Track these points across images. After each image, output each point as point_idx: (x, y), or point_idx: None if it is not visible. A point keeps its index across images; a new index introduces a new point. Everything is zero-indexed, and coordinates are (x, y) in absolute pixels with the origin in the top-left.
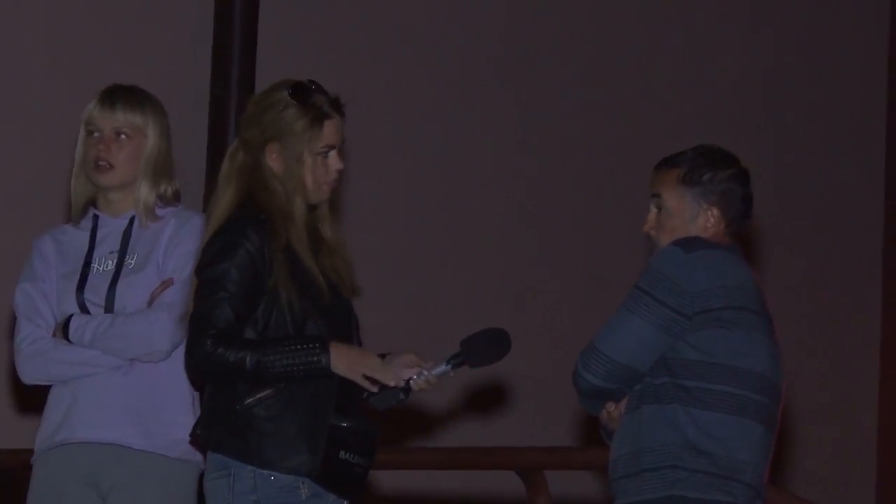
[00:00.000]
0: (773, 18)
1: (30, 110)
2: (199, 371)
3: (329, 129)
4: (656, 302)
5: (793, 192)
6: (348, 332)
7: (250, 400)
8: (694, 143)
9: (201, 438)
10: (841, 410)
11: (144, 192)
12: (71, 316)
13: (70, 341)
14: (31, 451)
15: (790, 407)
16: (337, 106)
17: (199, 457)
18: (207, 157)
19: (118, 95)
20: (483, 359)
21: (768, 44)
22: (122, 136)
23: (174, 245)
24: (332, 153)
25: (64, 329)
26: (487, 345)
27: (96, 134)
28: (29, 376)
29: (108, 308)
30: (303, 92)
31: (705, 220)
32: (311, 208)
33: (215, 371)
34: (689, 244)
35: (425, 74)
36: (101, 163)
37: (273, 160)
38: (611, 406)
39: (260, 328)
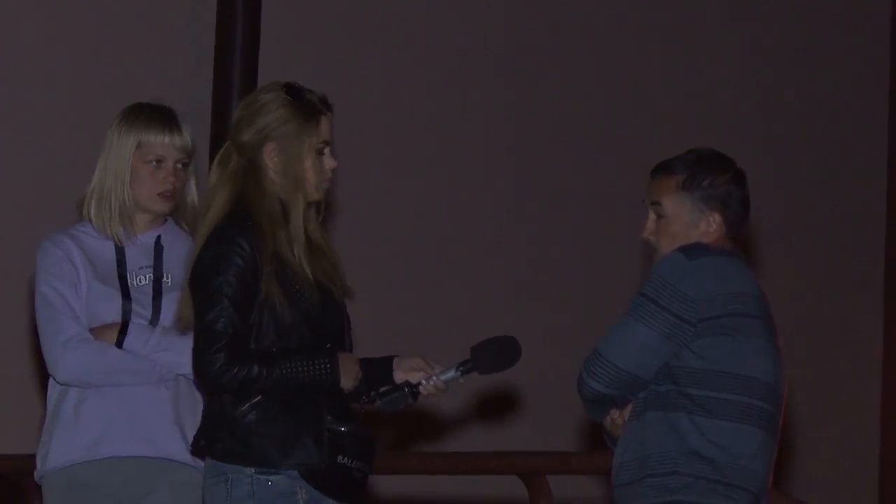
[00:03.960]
0: (773, 24)
1: (29, 121)
2: (215, 385)
3: (325, 125)
4: (660, 309)
5: (794, 196)
6: (340, 335)
7: (244, 406)
8: (692, 147)
9: (205, 449)
10: (843, 415)
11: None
12: (126, 323)
13: (121, 348)
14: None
15: (792, 411)
16: (327, 104)
17: None
18: (209, 167)
19: (176, 123)
20: (492, 366)
21: (768, 48)
22: (181, 164)
23: None
24: (327, 151)
25: (120, 336)
26: (497, 353)
27: (160, 163)
28: (72, 375)
29: (153, 321)
30: (297, 90)
31: (707, 226)
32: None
33: (232, 387)
34: (692, 251)
35: (423, 79)
36: (168, 194)
37: (271, 160)
38: (615, 413)
39: (251, 336)
